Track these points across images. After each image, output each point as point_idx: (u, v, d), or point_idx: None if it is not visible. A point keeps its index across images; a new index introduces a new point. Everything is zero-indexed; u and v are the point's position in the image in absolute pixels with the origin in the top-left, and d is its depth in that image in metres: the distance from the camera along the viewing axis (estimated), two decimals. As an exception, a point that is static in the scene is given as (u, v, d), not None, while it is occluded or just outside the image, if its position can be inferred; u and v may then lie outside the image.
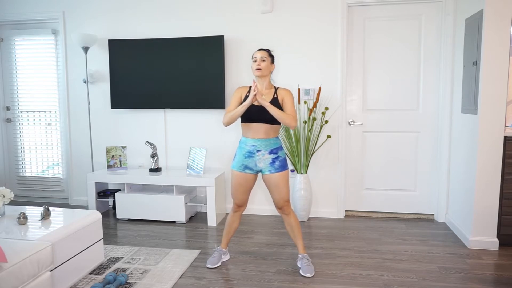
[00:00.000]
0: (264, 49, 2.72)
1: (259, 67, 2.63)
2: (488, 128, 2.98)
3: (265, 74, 2.66)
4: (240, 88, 2.75)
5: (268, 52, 2.70)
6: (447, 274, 2.66)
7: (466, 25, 3.30)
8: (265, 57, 2.65)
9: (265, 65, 2.65)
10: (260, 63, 2.64)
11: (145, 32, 4.12)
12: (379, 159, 3.91)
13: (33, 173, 4.66)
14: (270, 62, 2.69)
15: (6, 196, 2.54)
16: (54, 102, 4.49)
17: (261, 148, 2.65)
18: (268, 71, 2.68)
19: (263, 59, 2.64)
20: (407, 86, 3.79)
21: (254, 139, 2.65)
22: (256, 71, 2.65)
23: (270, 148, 2.65)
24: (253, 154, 2.66)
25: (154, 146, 3.98)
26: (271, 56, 2.70)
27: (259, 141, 2.64)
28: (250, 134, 2.67)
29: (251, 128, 2.65)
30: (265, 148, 2.65)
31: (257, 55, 2.66)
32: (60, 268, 2.32)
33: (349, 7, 3.78)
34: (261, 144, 2.64)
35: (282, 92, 2.68)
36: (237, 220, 2.83)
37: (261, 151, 2.65)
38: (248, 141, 2.67)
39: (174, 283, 2.54)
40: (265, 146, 2.65)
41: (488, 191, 3.03)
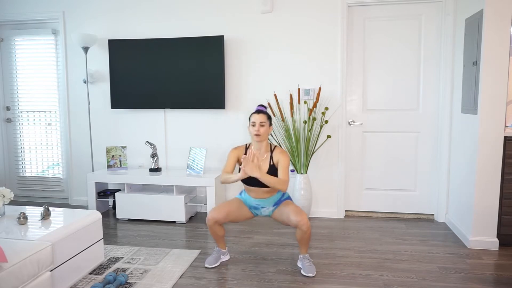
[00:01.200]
0: (263, 111, 2.68)
1: (258, 133, 2.62)
2: (488, 128, 2.98)
3: (264, 139, 2.66)
4: (235, 150, 2.75)
5: (267, 116, 2.67)
6: (447, 274, 2.66)
7: (466, 25, 3.30)
8: (264, 122, 2.63)
9: (264, 130, 2.63)
10: (259, 129, 2.61)
11: (145, 32, 4.12)
12: (379, 159, 3.91)
13: (33, 173, 4.66)
14: (269, 125, 2.67)
15: (6, 196, 2.54)
16: (54, 102, 4.49)
17: (265, 205, 2.77)
18: (267, 135, 2.67)
19: (262, 125, 2.62)
20: (407, 86, 3.79)
21: (257, 200, 2.75)
22: (256, 137, 2.63)
23: (274, 202, 2.76)
24: (258, 209, 2.79)
25: (154, 146, 3.98)
26: (269, 118, 2.68)
27: (262, 201, 2.75)
28: (253, 195, 2.75)
29: (252, 190, 2.73)
30: (269, 204, 2.77)
31: (256, 120, 2.62)
32: (60, 268, 2.32)
33: (349, 7, 3.78)
34: (265, 202, 2.75)
35: (277, 155, 2.67)
36: (219, 229, 2.74)
37: (266, 207, 2.77)
38: (252, 200, 2.77)
39: (174, 283, 2.54)
40: (269, 203, 2.76)
41: (488, 191, 3.02)
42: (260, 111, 2.69)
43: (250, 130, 2.67)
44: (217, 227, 2.72)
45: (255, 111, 2.72)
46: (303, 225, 2.54)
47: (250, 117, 2.69)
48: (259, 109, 2.74)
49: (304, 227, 2.55)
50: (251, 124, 2.66)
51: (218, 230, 2.74)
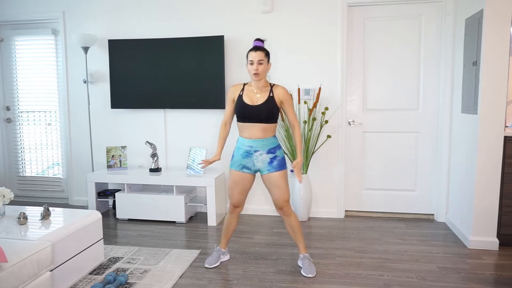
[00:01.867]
0: (260, 47, 2.57)
1: (257, 71, 2.54)
2: (488, 128, 2.98)
3: (263, 77, 2.60)
4: (233, 87, 2.69)
5: (264, 52, 2.57)
6: (447, 274, 2.66)
7: (466, 25, 3.30)
8: (262, 59, 2.54)
9: (263, 68, 2.56)
10: (257, 67, 2.54)
11: (145, 32, 4.12)
12: (379, 159, 3.91)
13: (33, 173, 4.66)
14: (267, 61, 2.59)
15: (6, 196, 2.54)
16: (54, 102, 4.49)
17: (258, 148, 2.62)
18: (265, 73, 2.60)
19: (260, 62, 2.54)
20: (407, 86, 3.79)
21: (251, 140, 2.62)
22: (254, 76, 2.56)
23: (267, 148, 2.62)
24: (250, 154, 2.63)
25: (154, 146, 3.98)
26: (267, 55, 2.59)
27: (256, 142, 2.61)
28: (247, 134, 2.63)
29: (247, 128, 2.62)
30: (262, 148, 2.62)
31: (254, 58, 2.54)
32: (60, 268, 2.32)
33: (349, 7, 3.78)
34: (258, 144, 2.61)
35: (278, 91, 2.60)
36: (234, 221, 2.82)
37: (259, 151, 2.62)
38: (245, 142, 2.64)
39: (174, 283, 2.54)
40: (263, 146, 2.62)
41: (488, 191, 3.02)
42: (257, 48, 2.56)
43: (248, 69, 2.58)
44: (234, 220, 2.80)
45: (252, 47, 2.58)
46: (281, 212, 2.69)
47: (247, 55, 2.59)
48: (256, 45, 2.61)
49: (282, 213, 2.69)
50: (249, 62, 2.57)
51: (234, 223, 2.82)
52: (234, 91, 2.68)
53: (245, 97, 2.61)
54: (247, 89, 2.64)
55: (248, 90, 2.64)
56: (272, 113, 2.58)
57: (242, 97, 2.61)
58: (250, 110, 2.57)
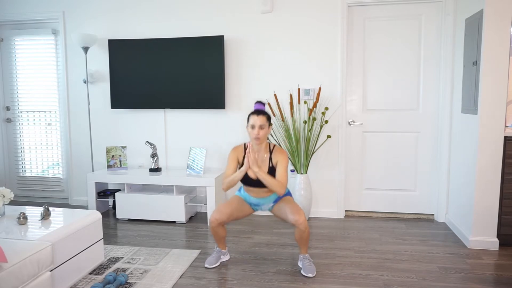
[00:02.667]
0: (262, 112, 2.59)
1: (258, 136, 2.57)
2: (488, 128, 2.98)
3: (263, 141, 2.64)
4: (235, 149, 2.72)
5: (266, 117, 2.58)
6: (447, 274, 2.66)
7: (466, 25, 3.30)
8: (263, 124, 2.56)
9: (264, 133, 2.58)
10: (259, 132, 2.56)
11: (145, 32, 4.12)
12: (379, 159, 3.91)
13: (33, 173, 4.66)
14: (268, 126, 2.60)
15: (6, 196, 2.54)
16: (54, 102, 4.49)
17: (265, 203, 2.78)
18: (266, 136, 2.63)
19: (261, 127, 2.56)
20: (407, 86, 3.79)
21: (257, 199, 2.76)
22: (255, 140, 2.59)
23: (274, 199, 2.76)
24: (258, 206, 2.82)
25: (154, 146, 3.98)
26: (269, 119, 2.61)
27: (262, 199, 2.76)
28: (253, 194, 2.76)
29: (252, 191, 2.74)
30: (269, 202, 2.78)
31: (256, 122, 2.55)
32: (60, 268, 2.32)
33: (349, 7, 3.78)
34: (265, 200, 2.77)
35: (277, 155, 2.65)
36: (221, 229, 2.73)
37: (265, 204, 2.79)
38: (252, 199, 2.78)
39: (174, 283, 2.54)
40: (269, 200, 2.77)
41: (488, 191, 3.02)
42: (259, 112, 2.59)
43: (249, 132, 2.60)
44: (219, 228, 2.71)
45: (253, 111, 2.62)
46: (300, 224, 2.54)
47: (248, 118, 2.60)
48: (258, 108, 2.64)
49: (302, 226, 2.54)
50: (250, 126, 2.59)
51: (221, 231, 2.74)
52: (238, 153, 2.71)
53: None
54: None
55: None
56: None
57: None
58: (254, 182, 2.66)
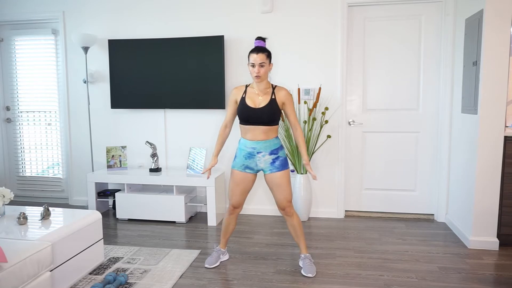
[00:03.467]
0: (262, 48, 2.55)
1: (258, 74, 2.54)
2: (488, 128, 2.98)
3: (265, 79, 2.61)
4: (235, 90, 2.68)
5: (266, 54, 2.55)
6: (447, 274, 2.66)
7: (466, 25, 3.30)
8: (264, 62, 2.53)
9: (264, 70, 2.55)
10: (259, 70, 2.53)
11: (145, 32, 4.12)
12: (379, 159, 3.91)
13: (33, 173, 4.66)
14: (269, 63, 2.58)
15: (6, 196, 2.54)
16: (54, 102, 4.49)
17: (261, 149, 2.63)
18: (267, 74, 2.61)
19: (261, 65, 2.53)
20: (407, 86, 3.79)
21: (253, 141, 2.63)
22: (256, 78, 2.56)
23: (270, 149, 2.63)
24: (253, 156, 2.65)
25: (154, 146, 3.98)
26: (269, 56, 2.58)
27: (259, 143, 2.62)
28: (249, 136, 2.64)
29: (250, 130, 2.63)
30: (265, 150, 2.63)
31: (255, 60, 2.53)
32: (60, 268, 2.32)
33: (349, 7, 3.78)
34: (261, 146, 2.62)
35: (280, 93, 2.61)
36: (233, 222, 2.81)
37: (261, 152, 2.63)
38: (248, 143, 2.65)
39: (174, 283, 2.54)
40: (265, 147, 2.63)
41: (488, 191, 3.02)
42: (259, 50, 2.54)
43: (250, 70, 2.57)
44: (233, 220, 2.80)
45: (253, 48, 2.56)
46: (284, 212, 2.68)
47: (249, 56, 2.57)
48: (258, 45, 2.59)
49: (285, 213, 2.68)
50: (250, 64, 2.56)
51: (233, 224, 2.81)
52: (237, 93, 2.67)
53: (248, 100, 2.61)
54: (249, 91, 2.64)
55: (250, 92, 2.64)
56: (274, 116, 2.60)
57: (245, 99, 2.61)
58: (253, 113, 2.58)
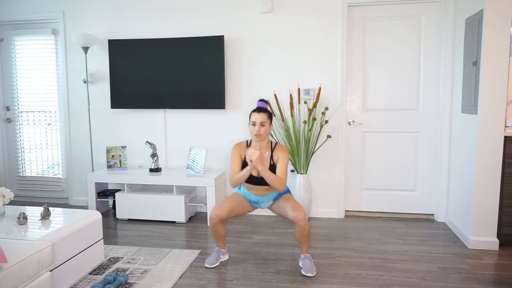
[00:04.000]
0: (263, 109, 2.61)
1: (259, 133, 2.59)
2: (488, 128, 2.98)
3: (264, 139, 2.66)
4: (237, 146, 2.74)
5: (267, 114, 2.61)
6: (447, 274, 2.66)
7: (466, 25, 3.30)
8: (264, 121, 2.59)
9: (265, 130, 2.60)
10: (259, 129, 2.58)
11: (145, 32, 4.12)
12: (379, 159, 3.91)
13: (33, 173, 4.66)
14: (269, 123, 2.63)
15: (6, 196, 2.54)
16: (54, 102, 4.49)
17: (265, 200, 2.79)
18: (267, 134, 2.65)
19: (262, 124, 2.59)
20: (407, 86, 3.79)
21: (257, 196, 2.77)
22: (256, 137, 2.61)
23: (274, 197, 2.78)
24: (257, 203, 2.84)
25: (154, 146, 3.98)
26: (270, 116, 2.64)
27: (262, 197, 2.78)
28: (253, 192, 2.77)
29: (253, 188, 2.76)
30: (268, 200, 2.79)
31: (257, 119, 2.58)
32: (60, 268, 2.32)
33: (349, 7, 3.78)
34: (265, 198, 2.78)
35: (278, 152, 2.67)
36: (221, 227, 2.74)
37: (265, 202, 2.81)
38: (252, 197, 2.79)
39: (174, 283, 2.54)
40: (269, 198, 2.78)
41: (488, 191, 3.02)
42: (261, 110, 2.63)
43: (250, 129, 2.64)
44: (219, 226, 2.72)
45: (256, 108, 2.66)
46: (300, 220, 2.56)
47: (250, 115, 2.64)
48: (260, 106, 2.70)
49: (302, 223, 2.57)
50: (251, 123, 2.63)
51: (220, 229, 2.75)
52: (240, 150, 2.73)
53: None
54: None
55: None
56: None
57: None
58: (255, 180, 2.68)
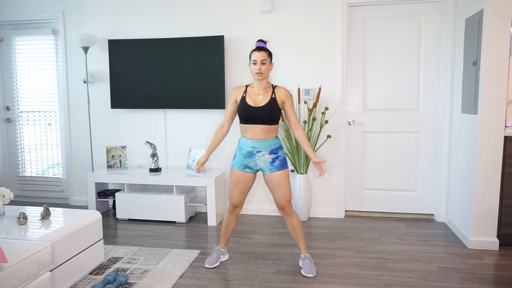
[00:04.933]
0: (263, 48, 2.62)
1: (260, 71, 2.58)
2: (488, 128, 2.98)
3: (266, 77, 2.63)
4: (236, 89, 2.71)
5: (267, 53, 2.61)
6: (447, 274, 2.66)
7: (466, 25, 3.30)
8: (265, 59, 2.58)
9: (266, 68, 2.59)
10: (260, 67, 2.58)
11: (145, 32, 4.12)
12: (379, 159, 3.91)
13: (33, 173, 4.66)
14: (270, 62, 2.63)
15: (6, 196, 2.54)
16: (54, 102, 4.49)
17: (261, 149, 2.63)
18: (268, 73, 2.64)
19: (263, 62, 2.58)
20: (407, 86, 3.79)
21: (253, 141, 2.63)
22: (257, 75, 2.59)
23: (270, 148, 2.64)
24: (253, 155, 2.65)
25: (154, 146, 3.98)
26: (270, 55, 2.63)
27: (258, 142, 2.63)
28: (249, 135, 2.65)
29: (250, 129, 2.64)
30: (265, 149, 2.63)
31: (257, 58, 2.58)
32: (60, 268, 2.32)
33: (349, 7, 3.78)
34: (261, 145, 2.63)
35: (280, 93, 2.64)
36: (233, 222, 2.81)
37: (261, 151, 2.63)
38: (248, 142, 2.65)
39: (174, 283, 2.54)
40: (265, 147, 2.63)
41: (488, 191, 3.02)
42: (261, 49, 2.61)
43: (251, 68, 2.62)
44: (233, 219, 2.80)
45: (255, 48, 2.64)
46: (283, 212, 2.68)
47: (250, 54, 2.62)
48: (259, 45, 2.67)
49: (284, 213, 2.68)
50: (252, 62, 2.60)
51: (233, 223, 2.82)
52: (237, 93, 2.69)
53: (248, 99, 2.62)
54: (250, 90, 2.66)
55: (250, 91, 2.66)
56: (274, 115, 2.61)
57: (245, 98, 2.63)
58: (253, 112, 2.59)
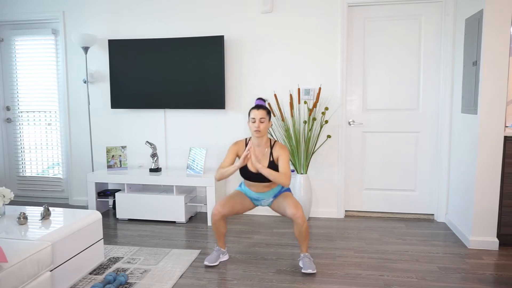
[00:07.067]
0: (262, 106, 2.68)
1: (258, 129, 2.63)
2: (488, 128, 2.98)
3: (264, 134, 2.69)
4: (236, 145, 2.79)
5: (266, 111, 2.67)
6: (447, 274, 2.66)
7: (466, 25, 3.30)
8: (264, 118, 2.64)
9: (264, 126, 2.65)
10: (259, 125, 2.63)
11: (145, 32, 4.12)
12: (379, 159, 3.91)
13: (33, 173, 4.66)
14: (268, 120, 2.68)
15: (6, 196, 2.54)
16: (54, 102, 4.49)
17: (265, 197, 2.81)
18: (267, 130, 2.69)
19: (261, 121, 2.63)
20: (407, 86, 3.79)
21: (257, 193, 2.79)
22: (256, 133, 2.65)
23: (273, 194, 2.80)
24: (258, 201, 2.85)
25: (154, 146, 3.98)
26: (269, 113, 2.69)
27: (262, 194, 2.79)
28: (253, 189, 2.79)
29: (253, 185, 2.78)
30: (269, 197, 2.80)
31: (256, 116, 2.63)
32: (60, 268, 2.32)
33: (349, 7, 3.78)
34: (265, 195, 2.80)
35: (277, 150, 2.70)
36: (222, 225, 2.77)
37: (266, 199, 2.83)
38: (253, 194, 2.82)
39: (174, 283, 2.54)
40: (269, 195, 2.81)
41: (488, 191, 3.02)
42: (259, 107, 2.68)
43: (250, 126, 2.68)
44: (221, 223, 2.75)
45: (254, 106, 2.71)
46: (298, 218, 2.59)
47: (249, 113, 2.68)
48: (258, 103, 2.75)
49: (299, 220, 2.59)
50: (251, 120, 2.67)
51: (222, 227, 2.77)
52: (238, 148, 2.78)
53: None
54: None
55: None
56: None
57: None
58: (254, 176, 2.70)
